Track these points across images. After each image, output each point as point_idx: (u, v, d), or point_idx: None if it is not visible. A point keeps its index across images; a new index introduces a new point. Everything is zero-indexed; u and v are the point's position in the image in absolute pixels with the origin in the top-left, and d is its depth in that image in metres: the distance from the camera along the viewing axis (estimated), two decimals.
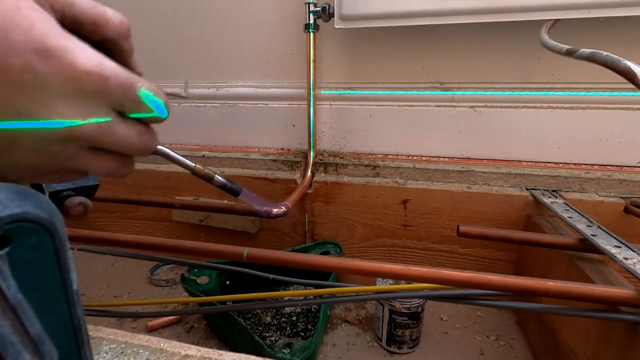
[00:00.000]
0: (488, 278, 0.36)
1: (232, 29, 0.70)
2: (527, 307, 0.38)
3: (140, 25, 0.74)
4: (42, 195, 0.14)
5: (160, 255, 0.49)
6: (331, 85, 0.69)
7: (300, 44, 0.67)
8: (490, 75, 0.62)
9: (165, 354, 0.26)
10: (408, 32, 0.62)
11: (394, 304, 0.53)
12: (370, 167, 0.68)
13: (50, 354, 0.13)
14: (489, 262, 0.64)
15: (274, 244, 0.74)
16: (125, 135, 0.20)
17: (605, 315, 0.35)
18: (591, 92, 0.59)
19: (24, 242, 0.13)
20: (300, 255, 0.42)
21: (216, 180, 0.37)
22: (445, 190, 0.62)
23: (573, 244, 0.45)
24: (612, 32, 0.55)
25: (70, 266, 0.15)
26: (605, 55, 0.34)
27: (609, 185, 0.58)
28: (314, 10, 0.60)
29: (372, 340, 0.58)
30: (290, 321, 0.58)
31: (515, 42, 0.59)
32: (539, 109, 0.62)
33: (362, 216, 0.68)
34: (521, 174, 0.61)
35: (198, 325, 0.62)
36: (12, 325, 0.12)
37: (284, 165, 0.72)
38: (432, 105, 0.66)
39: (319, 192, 0.68)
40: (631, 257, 0.38)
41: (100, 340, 0.27)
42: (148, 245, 0.45)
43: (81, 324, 0.16)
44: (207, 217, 0.73)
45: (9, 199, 0.13)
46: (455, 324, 0.61)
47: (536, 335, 0.55)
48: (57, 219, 0.14)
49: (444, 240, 0.65)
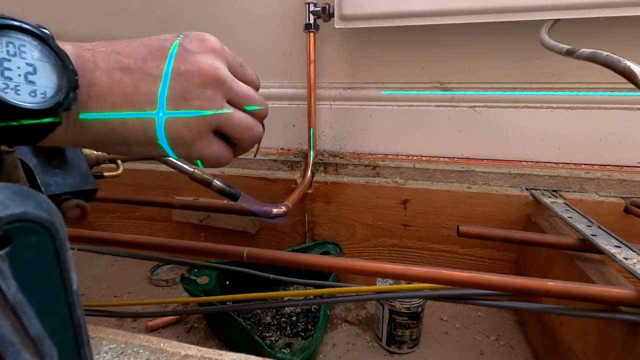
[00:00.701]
0: (488, 278, 0.36)
1: (232, 29, 0.70)
2: (527, 307, 0.38)
3: (140, 25, 0.74)
4: (42, 195, 0.14)
5: (160, 255, 0.49)
6: (331, 85, 0.69)
7: (300, 44, 0.67)
8: (490, 75, 0.62)
9: (165, 354, 0.26)
10: (408, 32, 0.62)
11: (394, 304, 0.53)
12: (370, 167, 0.68)
13: (50, 354, 0.13)
14: (489, 262, 0.64)
15: (274, 244, 0.74)
16: (242, 119, 0.26)
17: (605, 315, 0.35)
18: (591, 92, 0.59)
19: (24, 242, 0.13)
20: (300, 255, 0.42)
21: (215, 184, 0.37)
22: (445, 190, 0.62)
23: (573, 244, 0.45)
24: (612, 32, 0.55)
25: (70, 266, 0.15)
26: (605, 55, 0.34)
27: (609, 185, 0.58)
28: (314, 10, 0.60)
29: (372, 340, 0.58)
30: (290, 321, 0.58)
31: (515, 42, 0.59)
32: (539, 109, 0.62)
33: (362, 216, 0.68)
34: (521, 174, 0.61)
35: (198, 325, 0.62)
36: (12, 325, 0.12)
37: (283, 165, 0.72)
38: (432, 105, 0.66)
39: (319, 192, 0.68)
40: (631, 257, 0.38)
41: (100, 340, 0.27)
42: (148, 245, 0.45)
43: (81, 324, 0.16)
44: (207, 217, 0.73)
45: (9, 199, 0.13)
46: (455, 324, 0.61)
47: (536, 335, 0.55)
48: (57, 219, 0.14)
49: (444, 240, 0.65)
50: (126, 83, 0.22)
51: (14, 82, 0.18)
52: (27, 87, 0.18)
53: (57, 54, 0.19)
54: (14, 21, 0.18)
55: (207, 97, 0.24)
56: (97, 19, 0.76)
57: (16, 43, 0.18)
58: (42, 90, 0.18)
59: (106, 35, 0.77)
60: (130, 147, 0.24)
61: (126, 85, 0.22)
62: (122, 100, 0.22)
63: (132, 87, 0.22)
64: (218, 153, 0.27)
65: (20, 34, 0.18)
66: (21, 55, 0.18)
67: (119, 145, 0.23)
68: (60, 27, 0.20)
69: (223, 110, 0.25)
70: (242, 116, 0.26)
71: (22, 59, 0.18)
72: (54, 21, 0.78)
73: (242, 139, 0.27)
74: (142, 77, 0.22)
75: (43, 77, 0.18)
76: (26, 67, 0.18)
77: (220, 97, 0.25)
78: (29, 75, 0.18)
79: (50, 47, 0.19)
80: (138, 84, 0.22)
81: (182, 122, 0.24)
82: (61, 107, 0.19)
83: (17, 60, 0.18)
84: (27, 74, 0.18)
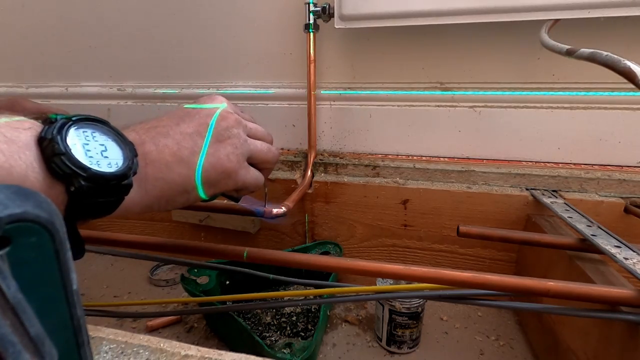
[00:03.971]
0: (488, 278, 0.36)
1: (232, 29, 0.70)
2: (527, 307, 0.38)
3: (139, 25, 0.74)
4: (42, 195, 0.14)
5: (160, 255, 0.49)
6: (331, 85, 0.69)
7: (300, 44, 0.67)
8: (490, 75, 0.62)
9: (165, 354, 0.26)
10: (408, 32, 0.62)
11: (394, 304, 0.53)
12: (370, 167, 0.68)
13: (50, 354, 0.13)
14: (489, 262, 0.64)
15: (274, 244, 0.74)
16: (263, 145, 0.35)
17: (605, 315, 0.35)
18: (591, 92, 0.59)
19: (24, 242, 0.13)
20: (300, 255, 0.42)
21: None
22: (445, 190, 0.62)
23: (573, 244, 0.45)
24: (612, 32, 0.55)
25: (70, 266, 0.15)
26: (605, 55, 0.34)
27: (609, 185, 0.58)
28: (314, 10, 0.60)
29: (372, 340, 0.58)
30: (290, 321, 0.58)
31: (515, 42, 0.59)
32: (539, 109, 0.62)
33: (362, 216, 0.68)
34: (521, 174, 0.61)
35: (198, 325, 0.62)
36: (12, 325, 0.12)
37: (283, 165, 0.72)
38: (432, 105, 0.66)
39: (319, 192, 0.68)
40: (631, 257, 0.38)
41: (100, 340, 0.27)
42: (148, 245, 0.45)
43: (81, 324, 0.16)
44: (207, 217, 0.73)
45: (9, 199, 0.13)
46: (455, 324, 0.61)
47: (536, 335, 0.55)
48: (57, 219, 0.14)
49: (444, 240, 0.65)
50: (170, 145, 0.28)
51: (95, 159, 0.23)
52: (104, 161, 0.23)
53: (118, 133, 0.25)
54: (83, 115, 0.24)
55: (236, 135, 0.31)
56: (97, 19, 0.76)
57: (88, 130, 0.24)
58: (115, 162, 0.23)
59: (106, 37, 0.77)
60: (189, 194, 0.29)
61: (171, 146, 0.28)
62: (172, 158, 0.28)
63: (177, 146, 0.28)
64: (256, 176, 0.34)
65: (89, 123, 0.24)
66: (94, 138, 0.23)
67: (178, 195, 0.28)
68: (60, 26, 0.20)
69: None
70: (261, 143, 0.35)
71: (96, 141, 0.23)
72: (54, 21, 0.78)
73: (267, 159, 0.35)
74: (181, 137, 0.29)
75: (113, 152, 0.24)
76: (100, 146, 0.23)
77: (243, 133, 0.32)
78: (103, 152, 0.23)
79: (112, 129, 0.25)
80: (181, 142, 0.28)
81: (224, 156, 0.30)
82: (131, 170, 0.24)
83: (92, 143, 0.23)
84: (102, 151, 0.23)
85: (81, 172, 0.21)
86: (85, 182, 0.21)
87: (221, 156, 0.29)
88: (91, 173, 0.22)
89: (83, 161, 0.22)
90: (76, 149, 0.22)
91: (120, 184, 0.23)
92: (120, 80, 0.80)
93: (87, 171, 0.22)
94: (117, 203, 0.24)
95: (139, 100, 0.80)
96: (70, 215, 0.23)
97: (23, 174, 0.20)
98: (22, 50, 0.83)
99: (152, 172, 0.27)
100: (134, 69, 0.78)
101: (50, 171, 0.21)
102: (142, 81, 0.79)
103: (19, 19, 0.80)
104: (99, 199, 0.23)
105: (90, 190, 0.22)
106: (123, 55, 0.78)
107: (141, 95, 0.79)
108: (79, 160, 0.21)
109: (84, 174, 0.21)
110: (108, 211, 0.24)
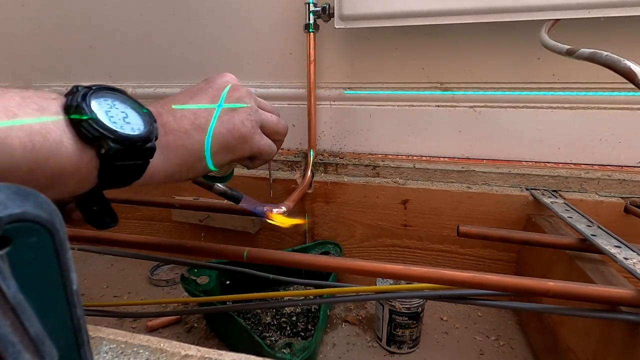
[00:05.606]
0: (488, 278, 0.36)
1: (232, 29, 0.70)
2: (527, 307, 0.38)
3: (140, 26, 0.74)
4: (42, 195, 0.14)
5: (160, 255, 0.49)
6: (331, 85, 0.69)
7: (300, 44, 0.67)
8: (490, 75, 0.62)
9: (165, 354, 0.26)
10: (408, 32, 0.62)
11: (394, 304, 0.53)
12: (370, 167, 0.68)
13: (50, 354, 0.13)
14: (489, 262, 0.64)
15: (274, 244, 0.74)
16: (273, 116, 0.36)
17: (605, 315, 0.35)
18: (591, 92, 0.59)
19: (24, 242, 0.13)
20: (300, 255, 0.42)
21: (216, 188, 0.37)
22: (445, 190, 0.62)
23: (573, 244, 0.45)
24: (612, 32, 0.55)
25: (70, 266, 0.15)
26: (605, 55, 0.34)
27: (609, 185, 0.58)
28: (314, 10, 0.60)
29: (372, 340, 0.58)
30: (290, 321, 0.58)
31: (515, 42, 0.59)
32: (539, 109, 0.62)
33: (362, 216, 0.68)
34: (521, 174, 0.61)
35: (198, 325, 0.62)
36: (12, 325, 0.12)
37: (283, 165, 0.72)
38: (432, 105, 0.66)
39: (319, 192, 0.68)
40: (631, 257, 0.38)
41: (100, 340, 0.27)
42: (148, 245, 0.45)
43: (81, 324, 0.16)
44: (207, 217, 0.73)
45: (9, 199, 0.13)
46: (455, 324, 0.61)
47: (536, 335, 0.55)
48: (57, 219, 0.14)
49: (444, 240, 0.65)
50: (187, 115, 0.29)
51: (119, 124, 0.23)
52: (127, 126, 0.24)
53: (136, 102, 0.26)
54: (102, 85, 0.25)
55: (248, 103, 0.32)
56: (96, 18, 0.76)
57: (109, 99, 0.24)
58: (137, 127, 0.24)
59: (106, 37, 0.77)
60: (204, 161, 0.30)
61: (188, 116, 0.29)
62: (190, 126, 0.28)
63: (193, 116, 0.29)
64: (270, 144, 0.34)
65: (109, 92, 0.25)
66: (114, 106, 0.24)
67: (197, 162, 0.29)
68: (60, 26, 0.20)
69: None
70: (271, 115, 0.35)
71: (117, 109, 0.24)
72: (54, 21, 0.78)
73: (277, 130, 0.35)
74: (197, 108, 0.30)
75: (133, 118, 0.25)
76: (121, 113, 0.24)
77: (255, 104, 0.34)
78: (125, 119, 0.24)
79: (129, 98, 0.26)
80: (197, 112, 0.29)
81: (239, 122, 0.31)
82: (152, 134, 0.25)
83: (114, 110, 0.24)
84: (124, 117, 0.24)
85: (109, 134, 0.22)
86: (114, 143, 0.23)
87: (236, 122, 0.30)
88: (118, 135, 0.23)
89: (110, 125, 0.23)
90: (101, 114, 0.23)
91: (145, 147, 0.24)
92: (120, 80, 0.80)
93: (115, 133, 0.23)
94: (144, 166, 0.25)
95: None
96: (102, 182, 0.24)
97: (58, 140, 0.21)
98: (22, 50, 0.83)
99: (173, 140, 0.27)
100: (134, 69, 0.78)
101: (80, 136, 0.22)
102: (142, 81, 0.79)
103: (19, 19, 0.80)
104: (127, 161, 0.24)
105: (119, 152, 0.23)
106: (123, 55, 0.78)
107: (141, 95, 0.79)
108: (106, 124, 0.23)
109: (111, 135, 0.22)
110: (136, 175, 0.25)
